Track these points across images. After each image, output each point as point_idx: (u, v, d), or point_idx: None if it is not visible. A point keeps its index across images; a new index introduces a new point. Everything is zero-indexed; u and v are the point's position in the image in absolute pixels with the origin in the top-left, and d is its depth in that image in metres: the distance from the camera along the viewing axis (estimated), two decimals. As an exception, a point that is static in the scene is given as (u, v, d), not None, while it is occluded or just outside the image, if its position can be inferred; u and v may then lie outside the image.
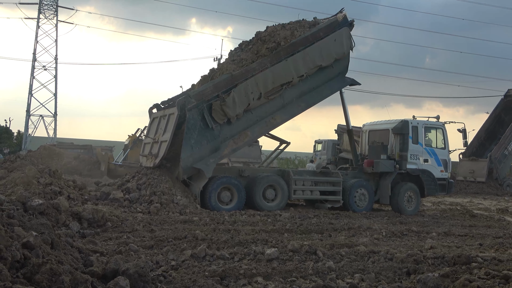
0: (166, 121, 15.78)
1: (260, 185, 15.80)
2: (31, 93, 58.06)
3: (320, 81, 17.45)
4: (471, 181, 33.51)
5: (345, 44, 17.67)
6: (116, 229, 10.41)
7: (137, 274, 5.86)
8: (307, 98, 17.33)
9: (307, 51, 16.85)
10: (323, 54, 17.17)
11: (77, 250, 7.05)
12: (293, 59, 16.61)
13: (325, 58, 17.23)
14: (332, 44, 17.37)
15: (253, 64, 16.21)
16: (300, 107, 17.29)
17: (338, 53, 17.55)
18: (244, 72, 15.96)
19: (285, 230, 11.40)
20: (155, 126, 16.67)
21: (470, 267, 7.32)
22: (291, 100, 16.86)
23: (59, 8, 60.74)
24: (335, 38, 17.41)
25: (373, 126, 19.15)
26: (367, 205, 17.23)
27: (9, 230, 5.74)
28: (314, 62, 17.01)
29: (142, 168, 16.21)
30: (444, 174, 18.29)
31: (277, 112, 16.68)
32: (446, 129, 18.56)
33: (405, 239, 11.22)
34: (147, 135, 17.19)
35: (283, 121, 17.07)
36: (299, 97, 17.06)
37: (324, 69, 17.41)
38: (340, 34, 17.53)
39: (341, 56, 17.68)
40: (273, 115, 16.62)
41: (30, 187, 12.67)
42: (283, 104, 16.71)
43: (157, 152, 15.58)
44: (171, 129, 15.12)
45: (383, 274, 7.44)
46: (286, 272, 7.27)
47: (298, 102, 17.12)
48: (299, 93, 17.02)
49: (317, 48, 17.04)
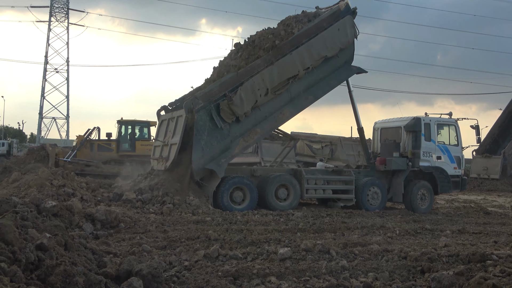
0: (174, 123, 15.81)
1: (272, 185, 15.77)
2: (43, 95, 58.54)
3: (326, 72, 17.34)
4: (484, 178, 33.25)
5: (349, 32, 17.50)
6: (129, 230, 10.44)
7: (151, 274, 5.87)
8: (314, 90, 17.24)
9: (311, 42, 16.73)
10: (327, 45, 17.03)
11: (90, 251, 7.07)
12: (298, 52, 16.50)
13: (329, 49, 17.09)
14: (336, 34, 17.22)
15: (257, 61, 16.13)
16: (308, 99, 17.21)
17: (343, 42, 17.40)
18: (249, 69, 15.90)
19: (298, 230, 11.36)
20: (164, 129, 16.70)
21: (485, 265, 7.26)
22: (298, 94, 16.77)
23: (70, 10, 61.13)
24: (338, 27, 17.26)
25: (385, 123, 19.04)
26: (380, 203, 17.13)
27: (23, 232, 5.78)
28: (319, 53, 16.89)
29: (153, 171, 16.25)
30: (458, 171, 18.15)
31: (285, 107, 16.61)
32: (459, 125, 18.42)
33: (418, 237, 11.15)
34: (156, 138, 17.21)
35: (292, 115, 17.02)
36: (306, 90, 16.97)
37: (330, 60, 17.27)
38: (343, 23, 17.37)
39: (345, 45, 17.52)
40: (282, 110, 16.55)
41: (44, 189, 12.78)
42: (291, 98, 16.63)
43: (168, 155, 15.60)
44: (180, 131, 15.15)
45: (397, 273, 7.39)
46: (299, 271, 7.24)
47: (306, 95, 17.03)
48: (306, 85, 16.93)
49: (321, 39, 16.90)
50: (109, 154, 27.50)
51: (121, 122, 28.94)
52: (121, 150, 28.11)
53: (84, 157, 25.91)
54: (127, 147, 28.37)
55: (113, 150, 27.98)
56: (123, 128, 28.95)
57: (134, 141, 28.46)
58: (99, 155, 25.98)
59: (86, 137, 27.44)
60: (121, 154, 27.63)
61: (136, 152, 27.46)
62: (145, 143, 27.87)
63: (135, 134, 28.98)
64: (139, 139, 28.70)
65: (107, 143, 28.11)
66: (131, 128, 29.17)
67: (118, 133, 28.77)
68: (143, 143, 27.97)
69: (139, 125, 29.34)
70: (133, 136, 28.85)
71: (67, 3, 61.06)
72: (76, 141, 29.90)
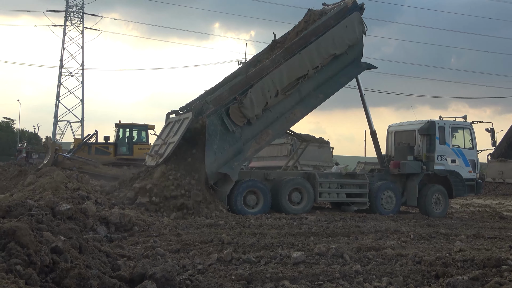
0: (179, 125, 15.87)
1: (285, 188, 15.75)
2: (58, 99, 59.00)
3: (335, 69, 17.30)
4: (500, 182, 32.99)
5: (357, 29, 17.43)
6: (143, 233, 10.47)
7: (164, 278, 5.89)
8: (324, 88, 17.21)
9: (320, 41, 16.69)
10: (336, 42, 16.96)
11: (104, 254, 7.10)
12: (306, 51, 16.47)
13: (338, 46, 17.02)
14: (344, 31, 17.15)
15: (266, 62, 16.18)
16: (319, 98, 17.17)
17: (351, 39, 17.32)
18: (258, 71, 15.94)
19: (311, 233, 11.33)
20: (168, 129, 16.77)
21: (500, 270, 7.18)
22: (308, 93, 16.75)
23: (85, 15, 61.62)
24: (346, 24, 17.20)
25: (399, 127, 18.95)
26: (394, 207, 17.04)
27: (38, 235, 5.82)
28: (328, 52, 16.84)
29: (144, 167, 16.17)
30: (472, 175, 18.01)
31: (296, 107, 16.58)
32: (474, 129, 18.28)
33: (433, 242, 11.06)
34: (159, 136, 17.22)
35: (303, 115, 17.00)
36: (316, 89, 16.94)
37: (339, 57, 17.20)
38: (351, 20, 17.31)
39: (354, 42, 17.44)
40: (293, 110, 16.53)
41: (58, 192, 12.85)
42: (301, 98, 16.61)
43: (163, 152, 15.62)
44: (181, 131, 15.20)
45: (411, 278, 7.34)
46: (312, 275, 7.22)
47: (316, 94, 17.00)
48: (316, 84, 16.89)
49: (330, 37, 16.85)
50: (107, 157, 27.25)
51: (119, 125, 28.81)
52: (118, 153, 28.00)
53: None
54: (124, 150, 28.22)
55: (111, 153, 27.82)
56: (121, 131, 28.82)
57: (132, 145, 28.32)
58: (96, 159, 25.76)
59: (85, 140, 27.48)
60: (119, 157, 27.55)
61: (133, 156, 27.28)
62: (143, 146, 27.53)
63: (133, 138, 28.85)
64: (137, 142, 28.56)
65: (105, 146, 28.00)
66: (129, 131, 29.04)
67: (116, 136, 28.67)
68: (141, 147, 27.63)
69: (137, 128, 29.15)
70: (131, 140, 28.76)
71: (82, 7, 61.59)
72: (74, 144, 30.02)
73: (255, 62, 18.09)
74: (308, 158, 24.85)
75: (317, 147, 26.23)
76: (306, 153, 24.23)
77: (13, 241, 5.20)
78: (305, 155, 24.14)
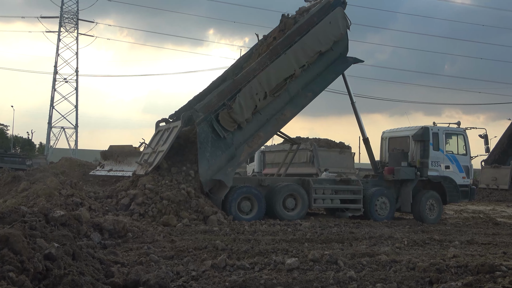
0: (168, 133, 15.81)
1: (280, 194, 15.75)
2: (52, 105, 58.85)
3: (322, 66, 17.28)
4: (493, 188, 33.07)
5: (341, 24, 17.38)
6: (137, 240, 10.44)
7: (158, 284, 5.88)
8: (313, 86, 17.19)
9: (304, 39, 16.64)
10: (320, 39, 16.92)
11: (98, 261, 7.08)
12: (292, 50, 16.42)
13: (323, 43, 16.98)
14: (328, 27, 17.11)
15: (252, 65, 16.15)
16: (308, 97, 17.15)
17: (336, 35, 17.29)
18: (245, 74, 15.93)
19: (306, 240, 11.34)
20: (158, 138, 16.63)
21: (494, 276, 7.20)
22: (297, 92, 16.73)
23: (80, 21, 61.60)
24: (330, 20, 17.14)
25: (393, 133, 19.00)
26: (388, 213, 17.07)
27: (32, 241, 5.81)
28: (313, 49, 16.79)
29: (134, 176, 16.13)
30: (466, 181, 18.07)
31: (286, 107, 16.58)
32: (467, 135, 18.36)
33: (427, 248, 11.08)
34: (149, 145, 17.13)
35: (293, 115, 17.00)
36: (304, 87, 16.92)
37: (325, 54, 17.16)
38: (334, 16, 17.23)
39: (339, 37, 17.40)
40: (282, 111, 16.52)
41: (52, 199, 12.79)
42: (290, 98, 16.59)
43: (152, 161, 15.52)
44: (171, 140, 15.13)
45: (405, 284, 7.35)
46: (306, 282, 7.21)
47: (305, 92, 16.98)
48: (304, 83, 16.88)
49: (314, 35, 16.81)
50: None
51: None
52: None
53: None
54: None
55: None
56: None
57: None
58: None
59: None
60: None
61: None
62: None
63: None
64: None
65: None
66: None
67: None
68: None
69: None
70: None
71: (76, 13, 61.59)
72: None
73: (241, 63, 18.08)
74: (329, 165, 23.39)
75: (338, 152, 25.39)
76: (327, 159, 23.85)
77: (6, 247, 5.18)
78: (325, 161, 23.61)
